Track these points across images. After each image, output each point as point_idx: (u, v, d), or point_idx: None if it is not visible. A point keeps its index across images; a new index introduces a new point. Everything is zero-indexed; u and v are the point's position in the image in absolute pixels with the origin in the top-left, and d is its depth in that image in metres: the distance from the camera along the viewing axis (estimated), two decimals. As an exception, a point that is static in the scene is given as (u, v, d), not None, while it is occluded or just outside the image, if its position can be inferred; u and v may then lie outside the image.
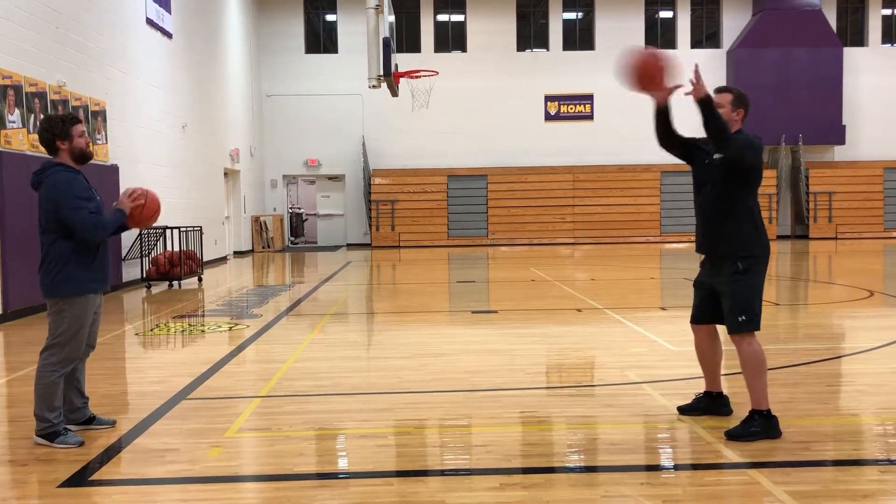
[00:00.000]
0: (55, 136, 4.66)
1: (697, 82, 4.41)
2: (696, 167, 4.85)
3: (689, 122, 5.10)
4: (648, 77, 4.52)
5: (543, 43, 27.63)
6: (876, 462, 4.14)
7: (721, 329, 4.84)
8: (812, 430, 4.65)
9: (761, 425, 4.45)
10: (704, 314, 4.87)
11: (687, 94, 4.44)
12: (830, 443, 4.45)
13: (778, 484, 3.78)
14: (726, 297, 4.60)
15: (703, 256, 4.90)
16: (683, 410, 5.02)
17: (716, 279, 4.68)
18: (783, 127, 26.45)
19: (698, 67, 4.50)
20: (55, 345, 4.63)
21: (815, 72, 26.45)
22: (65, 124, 4.67)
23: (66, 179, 4.61)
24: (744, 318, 4.53)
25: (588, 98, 27.25)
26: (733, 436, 4.45)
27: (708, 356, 4.97)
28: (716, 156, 4.67)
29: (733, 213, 4.60)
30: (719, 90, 4.76)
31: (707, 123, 4.43)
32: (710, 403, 4.99)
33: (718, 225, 4.65)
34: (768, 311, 9.76)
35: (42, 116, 10.77)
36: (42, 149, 4.79)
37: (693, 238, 4.97)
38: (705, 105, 4.40)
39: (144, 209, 4.84)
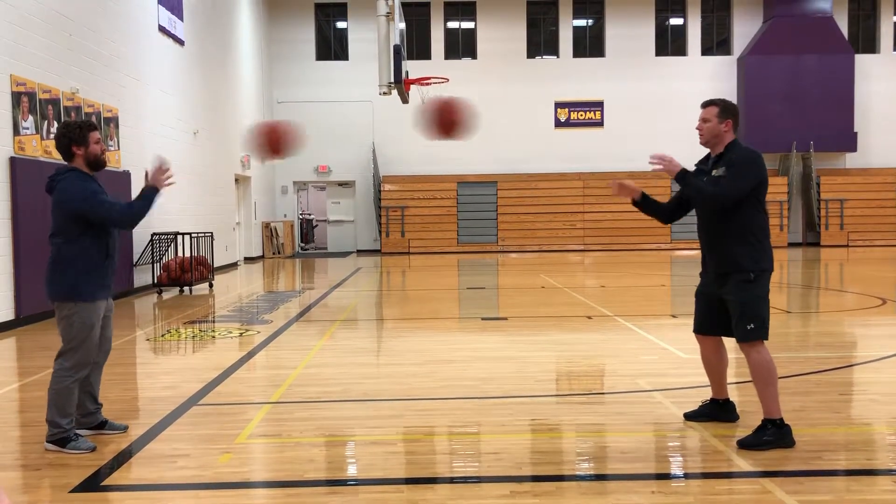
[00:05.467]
0: (72, 141, 4.71)
1: (668, 162, 4.65)
2: None
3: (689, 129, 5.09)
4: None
5: (553, 50, 27.65)
6: (889, 472, 4.11)
7: (727, 337, 4.82)
8: (824, 439, 4.63)
9: (774, 434, 4.42)
10: (710, 324, 4.84)
11: (655, 167, 4.74)
12: (843, 452, 4.42)
13: (790, 493, 3.75)
14: (735, 306, 4.57)
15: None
16: (689, 417, 5.02)
17: (723, 288, 4.65)
18: (794, 134, 26.36)
19: (668, 159, 4.69)
20: (67, 350, 4.65)
21: (827, 79, 26.35)
22: (82, 130, 4.72)
23: (80, 182, 4.65)
24: (752, 326, 4.50)
25: (598, 105, 27.24)
26: (745, 445, 4.42)
27: (714, 365, 4.96)
28: (714, 172, 4.66)
29: (738, 231, 4.56)
30: (705, 104, 4.79)
31: (693, 197, 4.69)
32: (716, 410, 4.98)
33: (724, 244, 4.61)
34: (779, 318, 9.72)
35: (56, 123, 10.86)
36: (55, 155, 4.83)
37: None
38: (682, 182, 4.66)
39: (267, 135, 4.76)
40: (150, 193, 4.75)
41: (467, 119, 4.72)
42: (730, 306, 4.62)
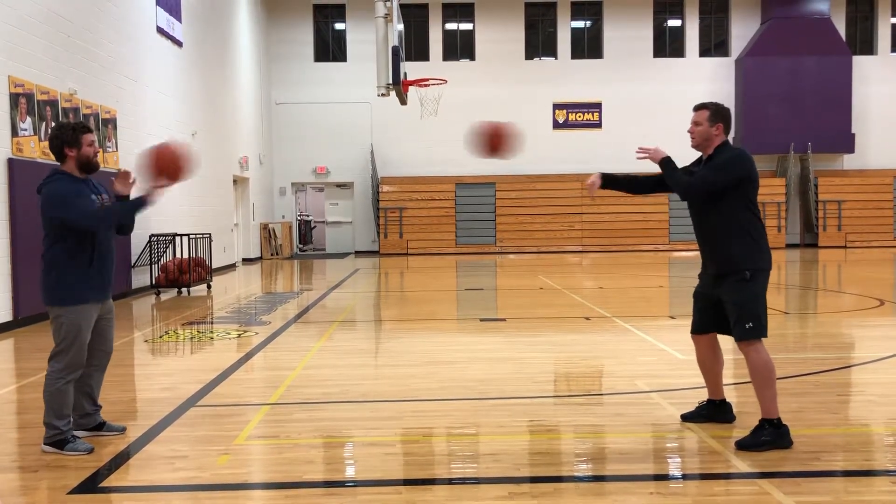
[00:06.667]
0: (64, 143, 4.70)
1: (653, 151, 4.83)
2: None
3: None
4: None
5: (552, 51, 27.67)
6: (887, 472, 4.12)
7: (723, 338, 4.84)
8: (822, 440, 4.63)
9: (771, 435, 4.43)
10: (706, 324, 4.87)
11: (641, 158, 4.88)
12: (841, 453, 4.43)
13: (788, 494, 3.76)
14: (732, 306, 4.59)
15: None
16: (686, 418, 5.03)
17: (720, 289, 4.67)
18: (792, 135, 26.38)
19: (647, 149, 4.89)
20: (58, 353, 4.65)
21: (825, 80, 26.38)
22: (75, 132, 4.71)
23: (63, 185, 4.63)
24: (751, 325, 4.52)
25: (596, 106, 27.26)
26: (743, 445, 4.43)
27: (710, 365, 4.97)
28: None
29: (729, 228, 4.59)
30: (697, 108, 4.85)
31: (670, 183, 4.85)
32: (712, 411, 4.99)
33: (717, 243, 4.65)
34: (778, 319, 9.74)
35: (54, 124, 10.85)
36: (53, 156, 4.83)
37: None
38: (664, 167, 4.83)
39: (156, 158, 4.60)
40: (115, 203, 4.79)
41: (513, 141, 4.93)
42: (727, 307, 4.64)
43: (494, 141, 5.00)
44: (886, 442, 4.69)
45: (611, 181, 5.09)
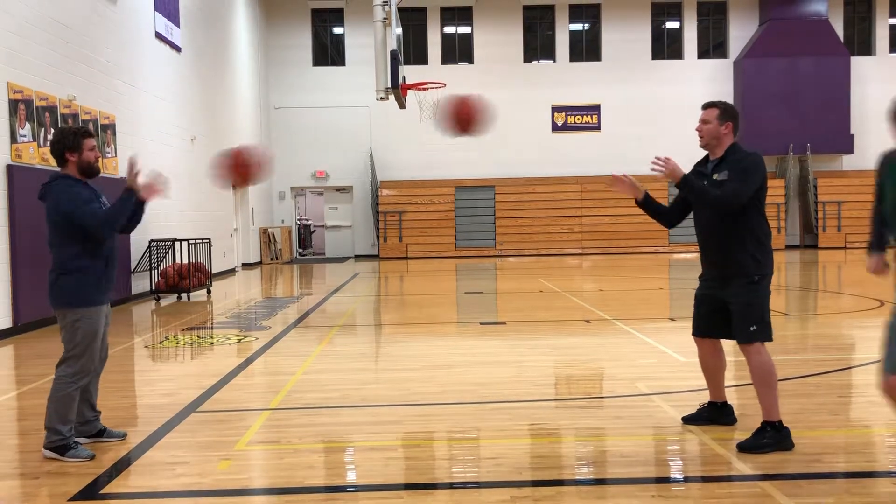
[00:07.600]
0: (66, 147, 4.71)
1: (666, 165, 4.55)
2: None
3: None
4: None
5: (550, 54, 27.70)
6: (889, 474, 4.11)
7: (725, 340, 4.82)
8: (823, 441, 4.63)
9: (773, 437, 4.43)
10: (710, 327, 4.84)
11: (656, 171, 4.58)
12: (842, 454, 4.43)
13: (790, 496, 3.75)
14: (738, 308, 4.56)
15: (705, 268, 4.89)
16: (688, 420, 5.02)
17: (726, 291, 4.64)
18: (791, 136, 26.41)
19: (669, 161, 4.59)
20: (71, 357, 4.64)
21: (823, 81, 26.42)
22: (76, 137, 4.72)
23: (70, 188, 4.64)
24: (756, 328, 4.51)
25: (595, 109, 27.28)
26: (745, 448, 4.42)
27: (712, 367, 4.96)
28: (715, 176, 4.65)
29: (740, 233, 4.56)
30: (706, 106, 4.78)
31: (696, 201, 4.65)
32: (714, 413, 4.98)
33: (727, 247, 4.61)
34: (778, 321, 9.70)
35: (54, 129, 10.86)
36: (52, 162, 4.84)
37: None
38: (684, 187, 4.59)
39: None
40: (125, 195, 4.71)
41: (484, 116, 4.72)
42: (732, 309, 4.61)
43: (464, 116, 4.82)
44: (887, 443, 4.69)
45: (649, 204, 4.96)
